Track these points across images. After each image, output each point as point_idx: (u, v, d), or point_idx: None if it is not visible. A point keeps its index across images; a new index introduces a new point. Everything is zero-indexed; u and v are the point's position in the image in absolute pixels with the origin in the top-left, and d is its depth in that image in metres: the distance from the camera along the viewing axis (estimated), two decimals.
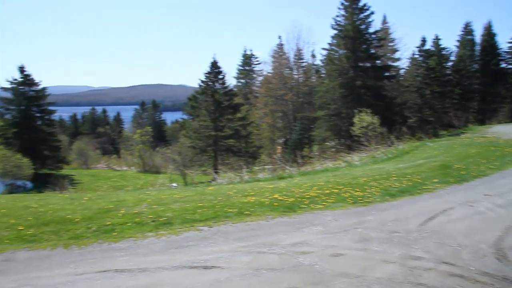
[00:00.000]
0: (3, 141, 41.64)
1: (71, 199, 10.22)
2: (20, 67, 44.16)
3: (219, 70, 39.03)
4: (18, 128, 42.89)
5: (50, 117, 46.84)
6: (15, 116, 44.03)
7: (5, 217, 8.08)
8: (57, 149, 45.28)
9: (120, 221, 7.49)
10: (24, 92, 44.38)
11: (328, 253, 5.89)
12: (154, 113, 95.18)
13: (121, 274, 5.26)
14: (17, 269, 5.60)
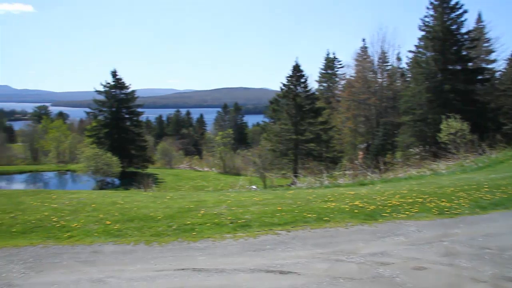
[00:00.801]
0: (95, 140, 44.54)
1: (154, 198, 10.60)
2: (112, 72, 47.00)
3: (301, 73, 38.88)
4: (109, 129, 45.61)
5: (138, 118, 49.29)
6: (107, 117, 46.86)
7: (95, 212, 8.55)
8: (144, 149, 47.47)
9: (200, 221, 7.61)
10: (116, 95, 47.12)
11: (410, 265, 5.55)
12: (236, 116, 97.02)
13: (199, 273, 5.32)
14: (103, 261, 5.88)
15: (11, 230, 7.36)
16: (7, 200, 10.19)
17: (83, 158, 38.06)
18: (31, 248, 6.47)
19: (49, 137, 60.85)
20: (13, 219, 8.04)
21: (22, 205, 9.43)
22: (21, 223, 7.74)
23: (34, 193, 11.74)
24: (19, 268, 5.65)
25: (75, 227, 7.42)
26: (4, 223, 7.77)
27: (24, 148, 65.11)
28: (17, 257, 6.09)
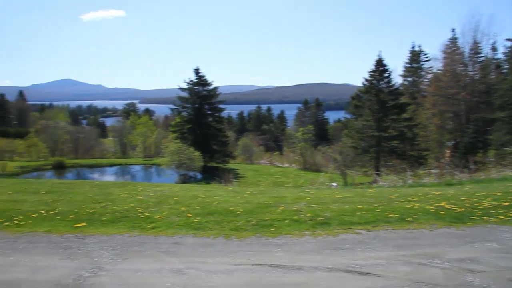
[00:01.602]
0: (179, 136, 46.24)
1: (234, 192, 10.77)
2: (195, 70, 48.50)
3: (384, 68, 37.69)
4: (192, 124, 47.12)
5: (220, 114, 50.45)
6: (190, 113, 48.46)
7: (178, 205, 8.86)
8: (225, 144, 48.52)
9: (279, 217, 7.61)
10: (198, 91, 48.57)
11: (505, 276, 5.09)
12: (317, 112, 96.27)
13: (276, 270, 5.30)
14: (184, 252, 6.05)
15: (102, 218, 7.84)
16: (99, 191, 10.86)
17: (167, 153, 39.72)
18: (119, 236, 6.83)
19: (137, 133, 64.19)
20: (104, 209, 8.57)
21: (112, 196, 10.01)
22: (110, 213, 8.22)
23: (122, 185, 12.42)
24: (108, 254, 6.00)
25: (158, 219, 7.73)
26: (96, 212, 8.30)
27: (115, 142, 69.17)
28: (106, 243, 6.47)
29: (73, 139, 61.20)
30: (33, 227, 7.48)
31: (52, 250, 6.29)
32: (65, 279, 5.16)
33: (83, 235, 6.95)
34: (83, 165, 46.92)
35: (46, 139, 59.58)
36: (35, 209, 8.76)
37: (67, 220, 7.83)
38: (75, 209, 8.63)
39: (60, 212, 8.42)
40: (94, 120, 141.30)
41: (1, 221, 7.91)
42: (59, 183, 13.74)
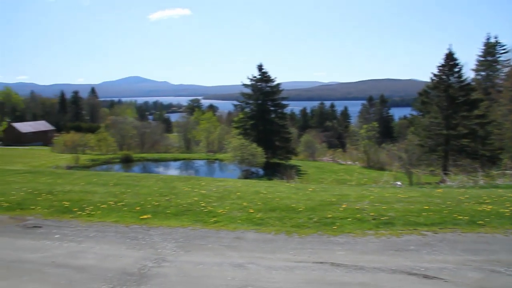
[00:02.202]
0: (242, 132, 46.73)
1: (296, 189, 10.72)
2: (258, 66, 48.78)
3: (454, 62, 35.95)
4: (255, 120, 47.46)
5: (282, 111, 50.47)
6: (253, 109, 48.83)
7: (240, 200, 8.94)
8: (288, 140, 48.47)
9: (341, 215, 7.48)
10: (261, 88, 48.83)
11: None
12: (382, 108, 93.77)
13: (337, 268, 5.21)
14: (245, 247, 6.10)
15: (166, 211, 8.06)
16: (164, 185, 11.18)
17: (230, 148, 40.29)
18: (182, 229, 7.00)
19: (200, 128, 65.66)
20: (168, 202, 8.81)
21: (176, 190, 10.27)
22: (174, 206, 8.43)
23: (186, 179, 12.71)
24: (171, 246, 6.16)
25: (220, 213, 7.84)
26: (160, 205, 8.56)
27: (179, 137, 71.11)
28: (170, 236, 6.65)
29: (140, 134, 63.59)
30: (102, 217, 7.84)
31: (119, 239, 6.56)
32: (131, 268, 5.35)
33: (148, 226, 7.19)
34: (149, 159, 48.61)
35: (115, 134, 62.36)
36: (104, 200, 9.18)
37: (133, 211, 8.14)
38: (141, 201, 8.95)
39: (127, 203, 8.76)
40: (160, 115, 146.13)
41: (74, 210, 8.37)
42: (127, 176, 14.30)
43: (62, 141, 62.40)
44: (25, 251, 6.18)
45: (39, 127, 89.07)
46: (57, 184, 11.61)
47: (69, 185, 11.38)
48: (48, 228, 7.30)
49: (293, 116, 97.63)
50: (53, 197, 9.69)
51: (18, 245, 6.48)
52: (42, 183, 11.92)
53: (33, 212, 8.46)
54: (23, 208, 8.79)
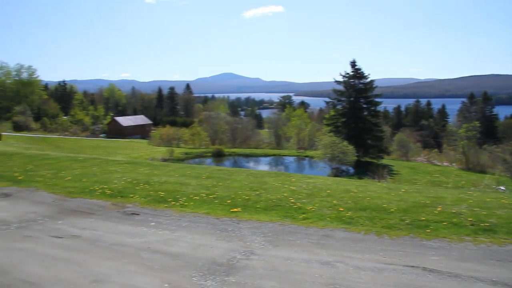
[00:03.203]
0: (333, 129, 46.18)
1: (388, 189, 10.37)
2: (351, 62, 47.84)
3: None
4: (347, 118, 46.65)
5: (375, 108, 49.06)
6: (345, 106, 48.02)
7: (329, 197, 8.83)
8: (380, 139, 47.05)
9: (436, 219, 7.11)
10: (354, 84, 47.85)
11: None
12: (484, 107, 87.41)
13: (429, 274, 4.96)
14: (334, 245, 6.02)
15: (256, 206, 8.20)
16: (254, 179, 11.36)
17: (320, 146, 39.96)
18: (271, 224, 7.07)
19: (291, 125, 65.87)
20: (258, 196, 8.94)
21: (266, 185, 10.39)
22: (264, 201, 8.54)
23: (276, 175, 12.80)
24: (260, 240, 6.25)
25: (309, 210, 7.80)
26: (251, 199, 8.71)
27: (270, 134, 71.85)
28: (259, 230, 6.76)
29: (232, 129, 65.18)
30: (194, 208, 8.16)
31: (210, 230, 6.78)
32: (220, 258, 5.52)
33: (238, 219, 7.35)
34: (240, 154, 49.70)
35: (207, 129, 64.58)
36: (197, 192, 9.53)
37: (224, 204, 8.37)
38: (232, 194, 9.17)
39: (219, 196, 9.02)
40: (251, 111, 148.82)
41: (169, 200, 8.80)
42: (218, 169, 14.72)
43: (159, 134, 65.90)
44: (124, 235, 6.62)
45: (138, 121, 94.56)
46: (153, 175, 12.25)
47: (164, 176, 11.97)
48: (145, 216, 7.75)
49: (386, 114, 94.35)
50: (150, 187, 10.26)
51: (119, 229, 6.96)
52: (140, 173, 12.65)
53: (132, 200, 9.03)
54: (123, 196, 9.41)
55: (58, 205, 8.89)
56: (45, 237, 6.64)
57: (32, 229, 7.09)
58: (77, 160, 16.12)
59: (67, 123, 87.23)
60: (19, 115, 75.11)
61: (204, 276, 4.99)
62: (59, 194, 9.92)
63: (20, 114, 75.49)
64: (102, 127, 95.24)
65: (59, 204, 8.98)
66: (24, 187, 10.85)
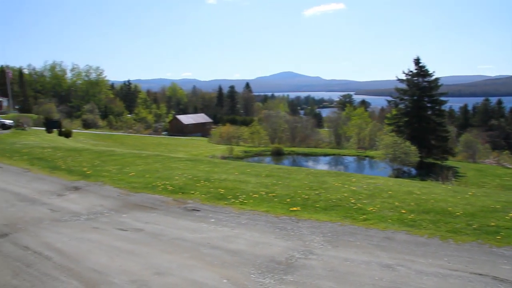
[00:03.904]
0: (395, 129, 44.99)
1: (454, 192, 9.93)
2: (415, 60, 46.36)
3: None
4: (409, 117, 45.26)
5: (440, 107, 47.27)
6: (408, 105, 46.59)
7: (391, 199, 8.58)
8: (445, 139, 45.27)
9: (507, 225, 6.71)
10: (418, 83, 46.34)
11: None
12: None
13: (500, 284, 4.68)
14: (395, 248, 5.85)
15: (315, 205, 8.11)
16: (314, 179, 11.25)
17: (381, 146, 39.13)
18: (330, 224, 6.98)
19: (351, 124, 64.85)
20: (318, 196, 8.84)
21: (326, 184, 10.26)
22: (323, 200, 8.44)
23: (336, 175, 12.61)
24: (319, 240, 6.19)
25: (370, 211, 7.62)
26: (310, 198, 8.64)
27: (329, 133, 71.20)
28: (318, 229, 6.69)
29: (291, 128, 65.17)
30: (254, 206, 8.20)
31: (269, 228, 6.79)
32: (279, 257, 5.51)
33: (297, 218, 7.31)
34: (299, 153, 49.57)
35: (267, 127, 64.91)
36: (256, 190, 9.58)
37: (283, 203, 8.36)
38: (291, 193, 9.14)
39: (278, 195, 9.02)
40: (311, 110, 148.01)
41: (228, 197, 8.91)
42: (278, 168, 14.71)
43: (219, 132, 67.07)
44: (185, 230, 6.77)
45: (199, 119, 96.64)
46: (214, 172, 12.44)
47: (224, 174, 12.12)
48: (205, 212, 7.89)
49: (452, 113, 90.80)
50: (210, 184, 10.43)
51: (179, 224, 7.13)
52: (200, 170, 12.88)
53: (193, 196, 9.21)
54: (184, 192, 9.63)
55: (123, 199, 9.26)
56: (111, 229, 6.93)
57: (99, 221, 7.43)
58: (140, 157, 16.69)
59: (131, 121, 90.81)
60: (87, 113, 79.03)
61: (263, 274, 5.01)
62: (124, 188, 10.33)
63: (88, 113, 79.43)
64: (164, 125, 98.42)
65: (123, 198, 9.35)
66: (92, 181, 11.39)
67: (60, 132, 42.71)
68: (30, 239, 6.55)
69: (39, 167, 14.18)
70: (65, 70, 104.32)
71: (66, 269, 5.29)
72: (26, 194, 10.01)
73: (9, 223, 7.47)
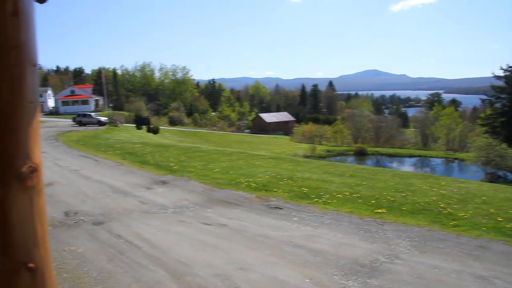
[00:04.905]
0: (489, 130, 42.21)
1: None
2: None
3: None
4: (507, 118, 42.17)
5: None
6: (505, 104, 43.41)
7: (485, 205, 8.06)
8: None
9: None
10: None
11: None
12: None
13: None
14: (490, 259, 5.45)
15: (402, 208, 7.82)
16: (400, 180, 10.88)
17: (473, 148, 37.00)
18: (417, 228, 6.68)
19: (440, 124, 61.79)
20: (404, 198, 8.52)
21: (412, 187, 9.87)
22: (410, 203, 8.11)
23: (424, 177, 12.10)
24: (405, 244, 5.95)
25: (461, 217, 7.20)
26: (396, 201, 8.34)
27: (416, 133, 68.43)
28: (405, 233, 6.43)
29: (375, 128, 63.57)
30: (337, 206, 8.08)
31: (353, 230, 6.65)
32: (362, 259, 5.38)
33: (382, 221, 7.10)
34: (383, 154, 48.18)
35: (350, 127, 63.79)
36: (339, 190, 9.43)
37: (368, 204, 8.15)
38: (376, 195, 8.89)
39: (362, 196, 8.81)
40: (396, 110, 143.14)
41: (311, 196, 8.85)
42: (362, 168, 14.42)
43: (301, 131, 67.01)
44: (268, 228, 6.82)
45: (281, 117, 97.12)
46: (297, 171, 12.44)
47: (307, 172, 12.07)
48: (287, 210, 7.89)
49: None
50: (293, 182, 10.43)
51: (262, 222, 7.19)
52: (283, 168, 12.93)
53: (275, 194, 9.27)
54: (267, 189, 9.71)
55: (207, 194, 9.52)
56: (196, 223, 7.15)
57: (185, 215, 7.70)
58: (224, 154, 17.11)
59: (215, 118, 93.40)
60: (174, 111, 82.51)
61: (346, 276, 4.92)
62: (208, 184, 10.62)
63: (175, 110, 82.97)
64: (246, 123, 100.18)
65: (208, 193, 9.61)
66: (178, 176, 11.84)
67: (148, 129, 45.02)
68: (122, 228, 6.94)
69: (130, 161, 15.03)
70: (154, 70, 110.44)
71: (154, 259, 5.55)
72: (119, 186, 10.63)
73: (104, 212, 7.99)
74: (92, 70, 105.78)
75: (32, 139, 0.73)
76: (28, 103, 0.73)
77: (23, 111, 0.70)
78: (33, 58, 0.74)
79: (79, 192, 9.79)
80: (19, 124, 0.70)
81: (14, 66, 0.70)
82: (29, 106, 0.73)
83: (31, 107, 0.73)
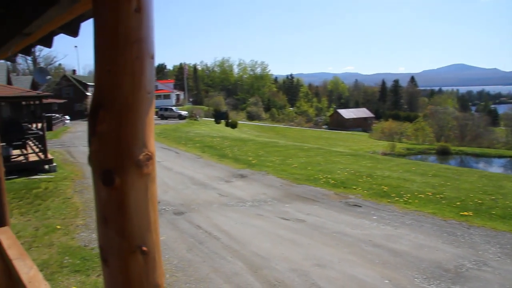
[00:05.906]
0: None
1: None
2: None
3: None
4: None
5: None
6: None
7: None
8: None
9: None
10: None
11: None
12: None
13: None
14: None
15: (491, 211, 7.34)
16: (489, 182, 10.25)
17: None
18: (509, 234, 6.23)
19: None
20: (494, 202, 7.99)
21: (503, 190, 9.25)
22: (500, 207, 7.59)
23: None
24: (495, 251, 5.58)
25: None
26: (484, 204, 7.85)
27: (506, 132, 64.02)
28: (494, 239, 6.03)
29: (460, 125, 60.34)
30: (419, 206, 7.77)
31: (436, 232, 6.36)
32: (446, 264, 5.13)
33: (468, 224, 6.72)
34: (468, 153, 45.55)
35: (433, 124, 61.07)
36: (422, 190, 9.07)
37: (452, 206, 7.75)
38: (461, 196, 8.43)
39: (446, 197, 8.40)
40: (484, 106, 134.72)
41: (392, 195, 8.59)
42: (446, 168, 13.77)
43: (380, 128, 65.21)
44: (346, 225, 6.71)
45: (360, 113, 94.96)
46: (376, 168, 12.13)
47: (387, 170, 11.73)
48: (366, 209, 7.72)
49: None
50: (373, 180, 10.18)
51: (340, 219, 7.10)
52: (362, 166, 12.67)
53: (354, 191, 9.10)
54: (345, 187, 9.57)
55: (285, 189, 9.56)
56: (274, 218, 7.21)
57: (263, 209, 7.78)
58: (302, 149, 17.06)
59: (293, 114, 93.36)
60: (252, 106, 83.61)
61: (428, 280, 4.72)
62: (286, 179, 10.66)
63: (253, 105, 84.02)
64: (324, 119, 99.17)
65: (286, 188, 9.64)
66: (256, 170, 11.99)
67: (227, 123, 45.96)
68: (202, 219, 7.16)
69: (209, 154, 15.46)
70: (232, 65, 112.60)
71: (232, 250, 5.67)
72: (198, 178, 10.97)
73: (185, 203, 8.28)
74: (173, 66, 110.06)
75: (148, 128, 0.77)
76: (146, 94, 0.77)
77: (142, 102, 0.74)
78: (152, 51, 0.78)
79: (161, 183, 10.21)
80: (138, 114, 0.74)
81: (136, 59, 0.74)
82: (147, 96, 0.77)
83: (149, 98, 0.77)
